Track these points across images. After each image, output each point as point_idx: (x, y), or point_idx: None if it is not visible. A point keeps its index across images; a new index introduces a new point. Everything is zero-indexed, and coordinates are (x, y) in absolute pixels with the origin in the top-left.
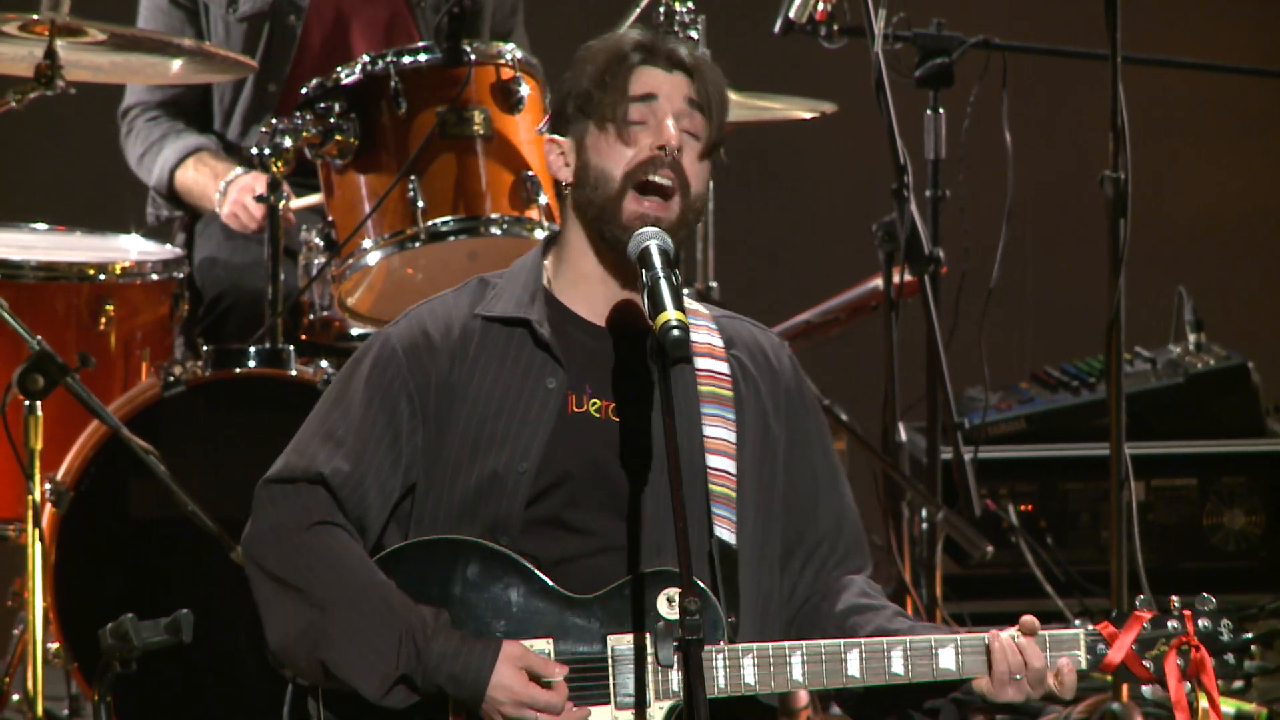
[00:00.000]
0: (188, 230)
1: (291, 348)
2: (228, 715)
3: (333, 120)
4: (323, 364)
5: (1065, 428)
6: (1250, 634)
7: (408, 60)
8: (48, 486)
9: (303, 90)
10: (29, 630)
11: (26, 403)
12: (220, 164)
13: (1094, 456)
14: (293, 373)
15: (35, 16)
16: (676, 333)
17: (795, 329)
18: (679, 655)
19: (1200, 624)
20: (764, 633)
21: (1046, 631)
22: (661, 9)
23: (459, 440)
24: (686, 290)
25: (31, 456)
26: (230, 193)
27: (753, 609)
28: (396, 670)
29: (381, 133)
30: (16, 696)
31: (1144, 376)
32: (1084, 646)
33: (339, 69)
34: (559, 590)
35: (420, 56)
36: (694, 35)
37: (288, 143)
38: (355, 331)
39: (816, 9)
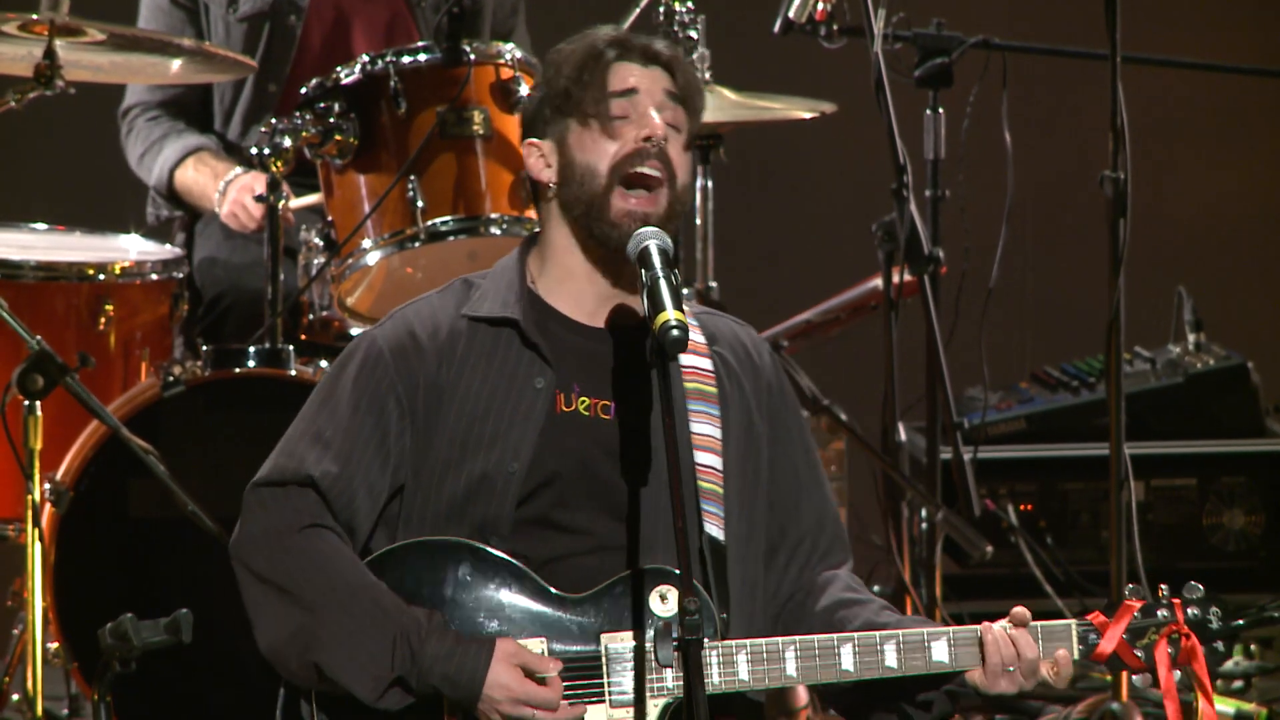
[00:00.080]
0: (187, 230)
1: (291, 348)
2: (228, 715)
3: (332, 120)
4: (322, 364)
5: (1065, 428)
6: (1241, 621)
7: (407, 60)
8: (47, 486)
9: (302, 90)
10: (29, 630)
11: (26, 403)
12: (220, 164)
13: (1094, 456)
14: (292, 373)
15: (35, 16)
16: (676, 332)
17: (795, 329)
18: (679, 655)
19: (1189, 612)
20: (750, 629)
21: (1038, 623)
22: (661, 9)
23: (447, 441)
24: (686, 291)
25: (31, 456)
26: (230, 192)
27: (741, 605)
28: (391, 672)
29: (381, 133)
30: (16, 696)
31: (1144, 376)
32: (1075, 637)
33: (339, 69)
34: (551, 590)
35: (420, 56)
36: (694, 35)
37: (287, 142)
38: (355, 331)
39: (816, 9)
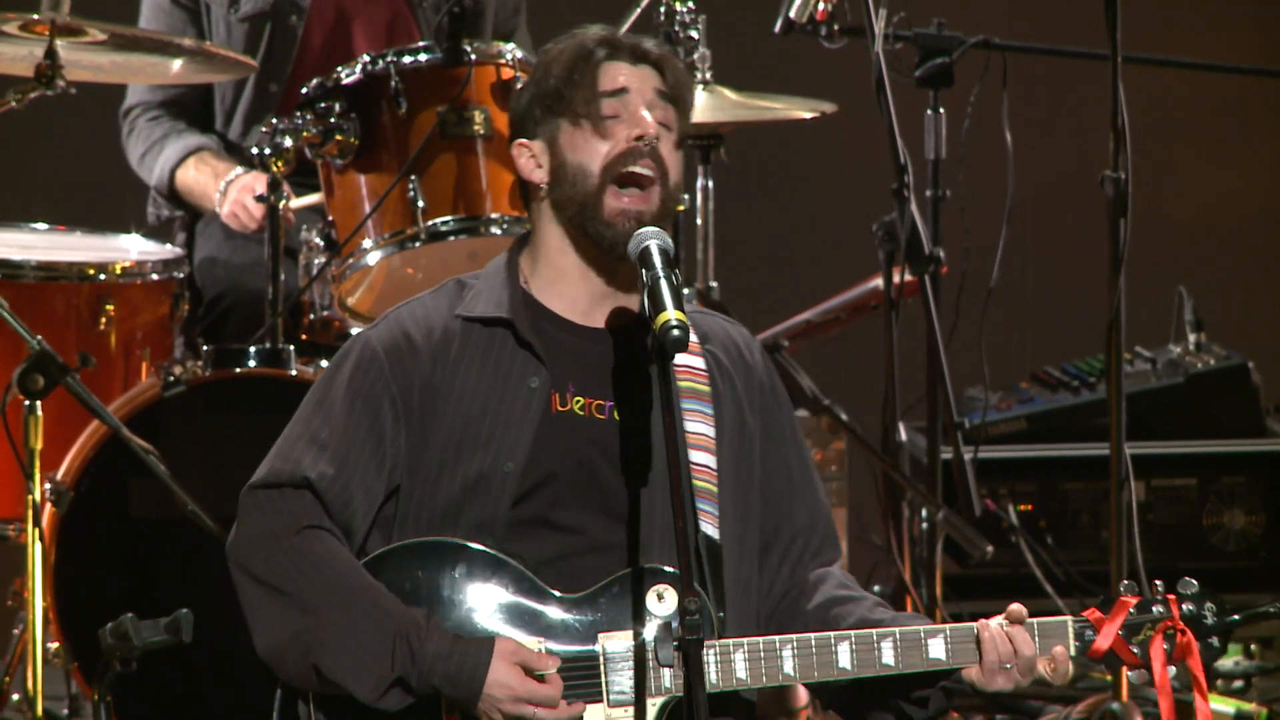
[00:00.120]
0: (188, 230)
1: (291, 348)
2: (228, 715)
3: (333, 120)
4: (323, 364)
5: (1065, 428)
6: (1236, 616)
7: (408, 60)
8: (48, 486)
9: (303, 90)
10: (29, 630)
11: (26, 403)
12: (221, 164)
13: (1094, 456)
14: (293, 373)
15: (35, 16)
16: (677, 332)
17: (795, 329)
18: (679, 655)
19: (1185, 608)
20: (743, 627)
21: (1035, 620)
22: (662, 9)
23: (442, 442)
24: (687, 291)
25: (31, 456)
26: (230, 192)
27: (735, 604)
28: (392, 672)
29: (382, 132)
30: (16, 696)
31: (1144, 376)
32: (1072, 634)
33: (339, 69)
34: (547, 590)
35: (420, 56)
36: (694, 35)
37: (288, 142)
38: (355, 331)
39: (817, 9)
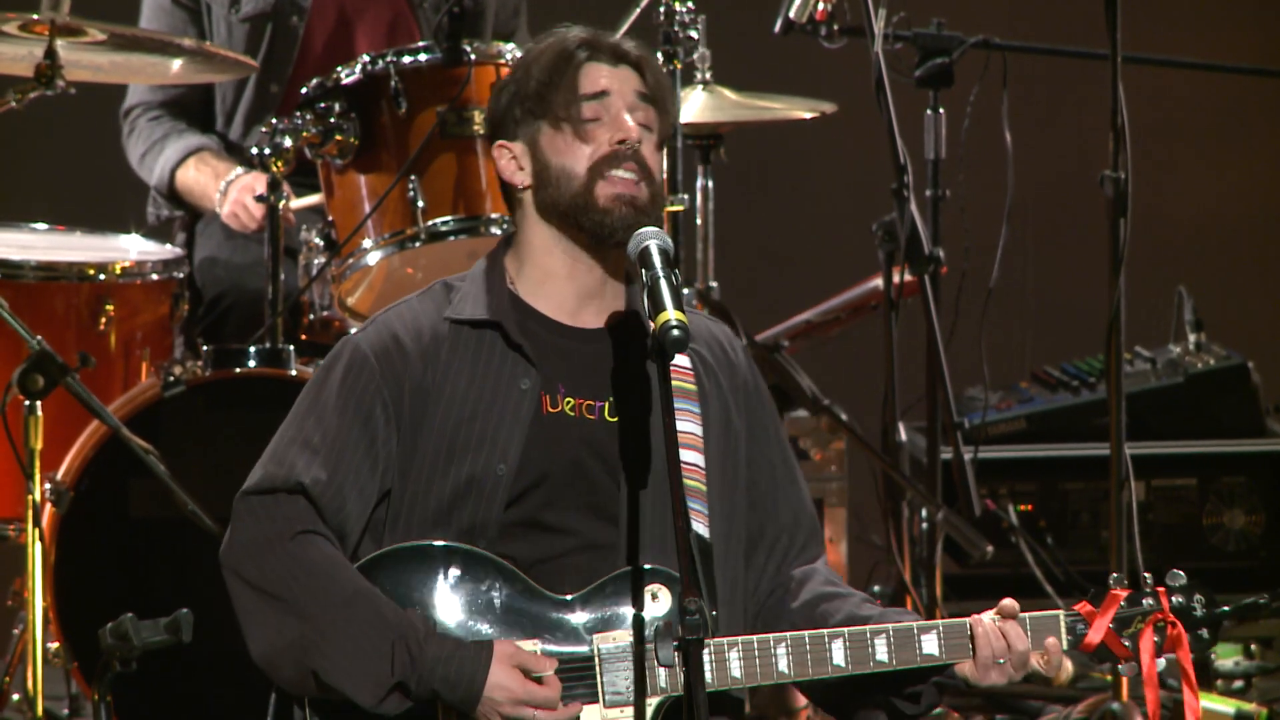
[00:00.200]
0: (188, 230)
1: (291, 348)
2: (228, 715)
3: (333, 120)
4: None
5: (1065, 428)
6: (1225, 608)
7: (408, 60)
8: (48, 486)
9: (303, 90)
10: (29, 630)
11: (26, 403)
12: (221, 164)
13: (1094, 456)
14: (293, 373)
15: (35, 16)
16: (677, 332)
17: (795, 329)
18: (679, 654)
19: (1174, 600)
20: (732, 626)
21: (1027, 614)
22: (661, 9)
23: (434, 445)
24: (687, 291)
25: (31, 456)
26: (231, 192)
27: (724, 602)
28: (391, 677)
29: (381, 132)
30: (16, 696)
31: (1144, 376)
32: (1064, 627)
33: (339, 69)
34: (541, 590)
35: (420, 56)
36: (694, 35)
37: (288, 142)
38: (355, 330)
39: (816, 9)
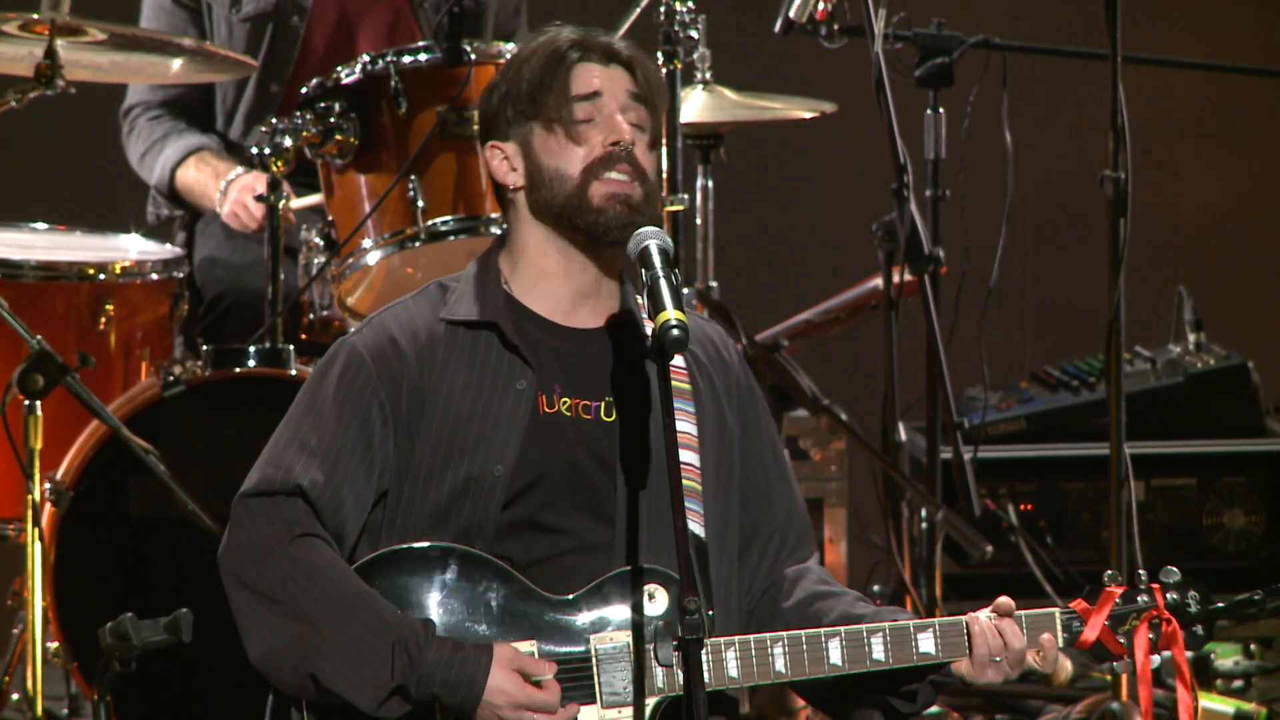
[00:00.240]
0: (188, 230)
1: (291, 348)
2: (228, 715)
3: (333, 120)
4: None
5: (1065, 427)
6: (1220, 604)
7: (408, 60)
8: (47, 486)
9: (303, 90)
10: (29, 630)
11: (26, 402)
12: (221, 163)
13: (1094, 456)
14: (293, 373)
15: (35, 16)
16: (676, 332)
17: (795, 329)
18: (679, 654)
19: (1169, 597)
20: (727, 626)
21: (1022, 612)
22: (661, 9)
23: (431, 446)
24: (687, 291)
25: (31, 456)
26: (231, 192)
27: (719, 602)
28: (391, 680)
29: (381, 132)
30: (16, 696)
31: (1144, 376)
32: (1059, 625)
33: (339, 68)
34: (538, 591)
35: (420, 56)
36: (694, 35)
37: (288, 142)
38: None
39: (816, 9)
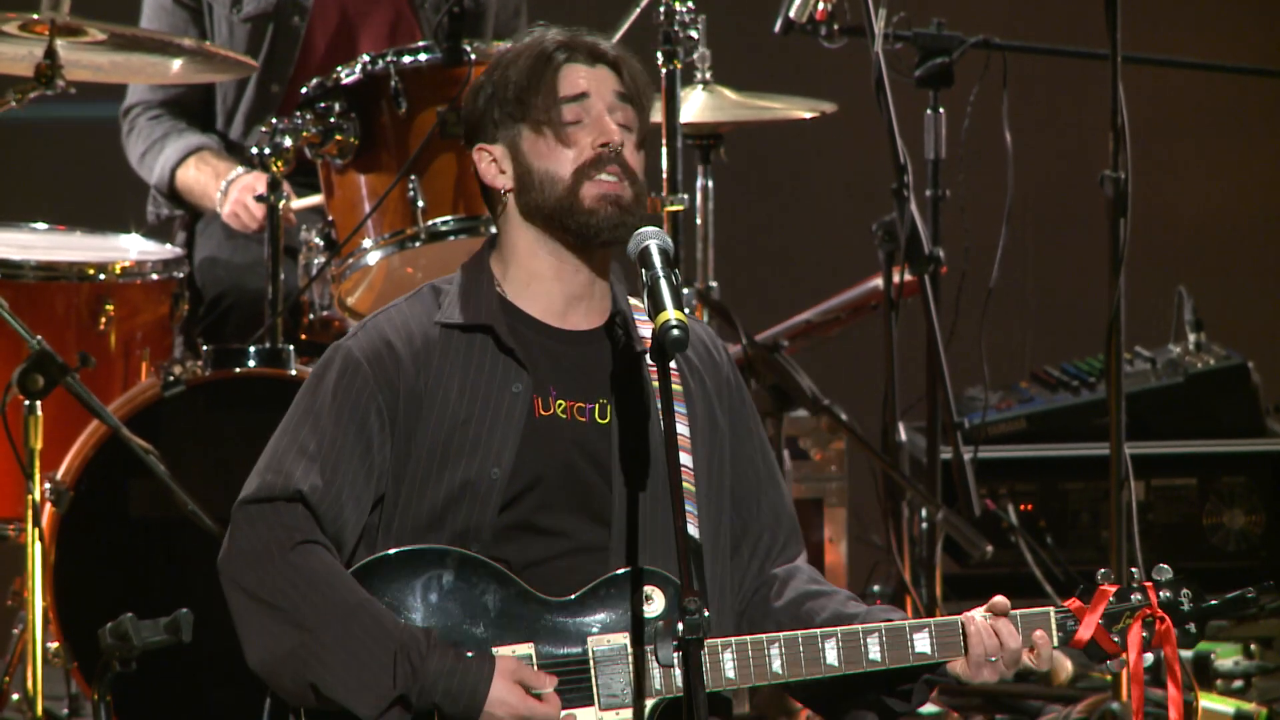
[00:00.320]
0: (188, 230)
1: (291, 348)
2: (228, 715)
3: (333, 120)
4: None
5: (1065, 427)
6: (1213, 602)
7: (408, 60)
8: (48, 486)
9: (303, 90)
10: (29, 630)
11: (26, 402)
12: (221, 163)
13: (1094, 456)
14: (293, 373)
15: (35, 16)
16: (676, 332)
17: (795, 329)
18: (679, 655)
19: (1162, 595)
20: (720, 626)
21: (1018, 611)
22: (661, 9)
23: (428, 449)
24: (686, 291)
25: (31, 456)
26: (231, 192)
27: (714, 603)
28: (394, 690)
29: (382, 132)
30: (16, 696)
31: (1144, 376)
32: (1055, 624)
33: (339, 68)
34: (535, 593)
35: (420, 56)
36: (694, 35)
37: (288, 142)
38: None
39: (816, 8)
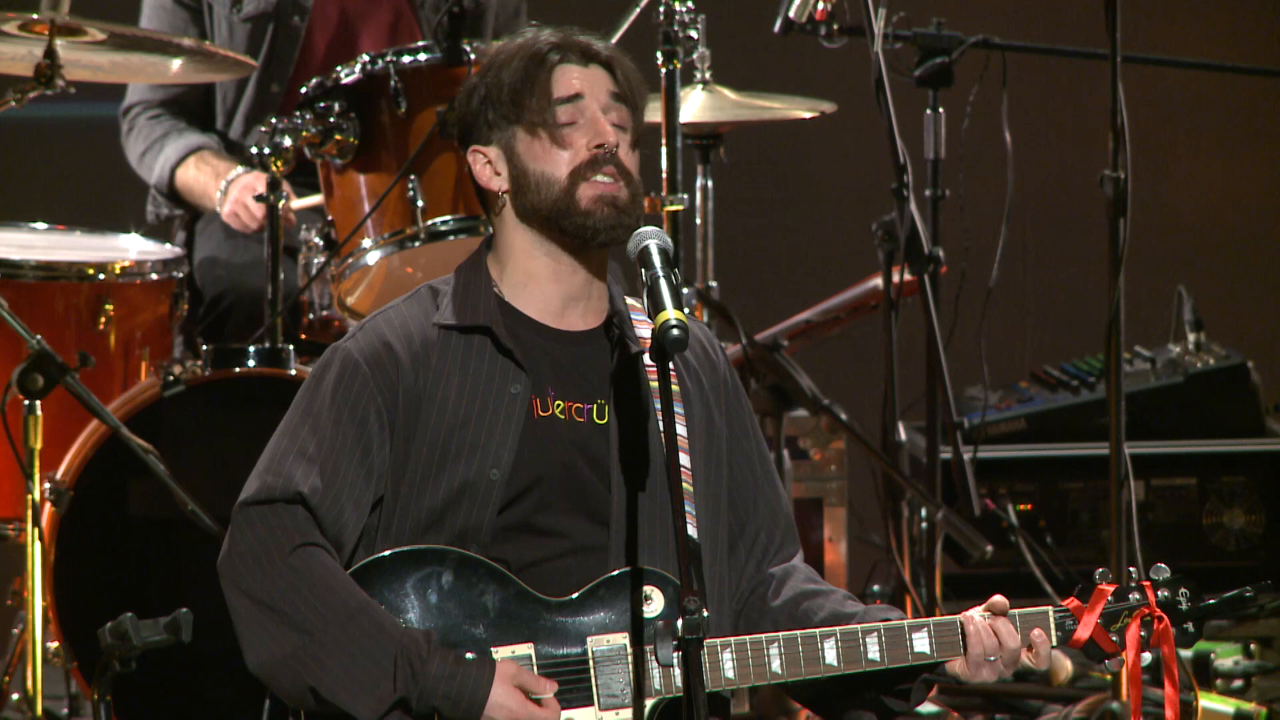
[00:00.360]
0: (188, 229)
1: (291, 347)
2: (228, 715)
3: (332, 120)
4: None
5: (1065, 427)
6: (1211, 601)
7: (407, 60)
8: (47, 486)
9: (302, 89)
10: (29, 630)
11: (26, 402)
12: (221, 163)
13: (1094, 456)
14: (292, 373)
15: (35, 16)
16: (676, 332)
17: (795, 329)
18: (679, 654)
19: (1160, 594)
20: (719, 626)
21: (1016, 611)
22: (661, 9)
23: (427, 450)
24: (686, 291)
25: (31, 456)
26: (231, 192)
27: (712, 603)
28: (394, 693)
29: (381, 132)
30: (16, 696)
31: (1144, 376)
32: (1053, 624)
33: (339, 68)
34: (534, 594)
35: (420, 56)
36: (694, 35)
37: (287, 142)
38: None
39: (816, 8)
